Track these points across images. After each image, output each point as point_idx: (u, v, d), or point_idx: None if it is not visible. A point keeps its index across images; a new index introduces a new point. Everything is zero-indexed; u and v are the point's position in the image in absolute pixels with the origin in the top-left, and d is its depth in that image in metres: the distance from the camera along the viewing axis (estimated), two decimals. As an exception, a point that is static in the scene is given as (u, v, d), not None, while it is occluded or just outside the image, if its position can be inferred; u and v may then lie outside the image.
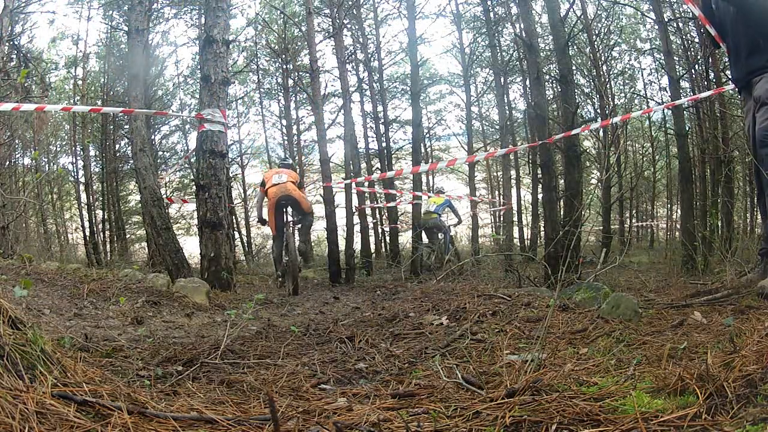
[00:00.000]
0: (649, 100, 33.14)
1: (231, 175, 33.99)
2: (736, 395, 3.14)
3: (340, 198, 22.53)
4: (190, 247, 26.10)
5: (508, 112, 32.36)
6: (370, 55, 34.58)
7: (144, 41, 17.85)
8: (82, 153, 34.09)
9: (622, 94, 34.97)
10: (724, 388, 3.21)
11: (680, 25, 22.02)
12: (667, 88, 24.84)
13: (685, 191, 17.15)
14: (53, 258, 20.23)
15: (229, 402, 4.07)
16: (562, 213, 14.06)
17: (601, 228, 24.78)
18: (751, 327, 4.93)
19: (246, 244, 36.85)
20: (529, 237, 32.84)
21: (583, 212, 13.24)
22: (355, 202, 23.53)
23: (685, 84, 22.22)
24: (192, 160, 26.30)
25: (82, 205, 34.45)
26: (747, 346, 4.06)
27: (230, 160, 33.31)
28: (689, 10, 19.18)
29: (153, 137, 34.18)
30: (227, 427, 3.29)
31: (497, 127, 33.97)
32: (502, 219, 26.98)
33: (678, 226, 23.64)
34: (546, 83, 22.56)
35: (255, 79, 38.92)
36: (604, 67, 30.97)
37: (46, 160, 36.25)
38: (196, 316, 9.16)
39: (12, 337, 3.53)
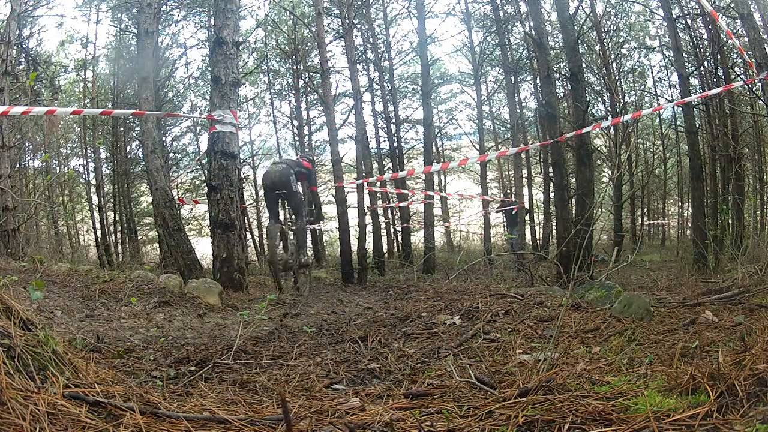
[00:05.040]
0: (659, 97, 33.12)
1: (243, 176, 34.03)
2: (747, 394, 3.15)
3: (352, 198, 22.53)
4: (202, 248, 26.07)
5: (519, 110, 32.40)
6: (380, 55, 34.61)
7: (153, 43, 17.89)
8: (93, 155, 34.16)
9: (632, 92, 34.95)
10: (735, 386, 3.22)
11: (689, 21, 21.95)
12: (677, 85, 24.80)
13: (696, 189, 17.12)
14: (65, 260, 20.25)
15: (241, 402, 4.08)
16: (573, 211, 14.07)
17: (613, 226, 24.72)
18: (761, 326, 4.93)
19: (258, 245, 36.84)
20: (541, 236, 32.82)
21: (594, 211, 13.23)
22: (367, 202, 23.50)
23: (694, 81, 22.15)
24: (204, 161, 26.31)
25: (94, 207, 34.47)
26: (758, 345, 4.06)
27: (242, 161, 33.37)
28: (698, 7, 19.20)
29: (164, 139, 34.19)
30: (240, 427, 3.30)
31: (508, 125, 33.92)
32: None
33: (689, 224, 23.61)
34: (556, 81, 22.55)
35: (266, 80, 38.96)
36: (614, 65, 30.96)
37: (56, 162, 36.34)
38: (208, 317, 9.17)
39: (23, 339, 3.54)
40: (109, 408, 3.24)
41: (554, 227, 25.40)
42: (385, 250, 30.02)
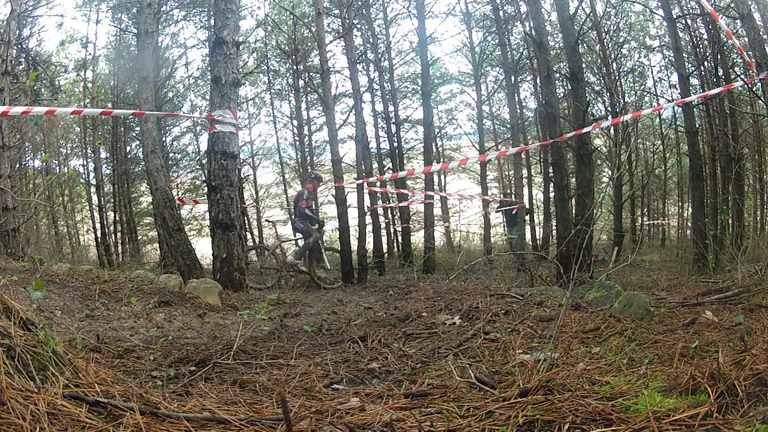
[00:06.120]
0: (659, 97, 33.11)
1: (243, 176, 33.97)
2: (747, 394, 3.15)
3: (352, 198, 22.46)
4: (202, 248, 26.02)
5: (519, 110, 32.40)
6: (380, 55, 34.54)
7: (153, 43, 17.86)
8: (93, 155, 34.12)
9: (632, 92, 34.93)
10: (735, 386, 3.22)
11: (689, 21, 21.94)
12: (677, 85, 24.76)
13: (696, 189, 17.13)
14: (64, 260, 20.24)
15: (241, 402, 4.09)
16: (573, 211, 14.06)
17: (613, 226, 24.68)
18: (761, 326, 4.92)
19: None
20: (541, 236, 32.81)
21: (594, 211, 13.22)
22: (367, 202, 23.39)
23: (694, 81, 22.15)
24: (204, 161, 26.28)
25: (94, 207, 34.43)
26: (757, 345, 4.06)
27: (242, 161, 33.32)
28: (698, 7, 19.19)
29: (164, 139, 34.14)
30: (240, 427, 3.30)
31: (508, 125, 33.87)
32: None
33: (689, 224, 23.60)
34: (556, 81, 22.54)
35: (266, 80, 38.82)
36: (614, 65, 30.94)
37: (56, 162, 36.31)
38: (208, 317, 9.17)
39: (23, 339, 3.54)
40: (109, 408, 3.24)
41: (554, 227, 25.38)
42: (385, 250, 29.94)
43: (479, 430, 3.23)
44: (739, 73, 19.80)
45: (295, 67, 35.73)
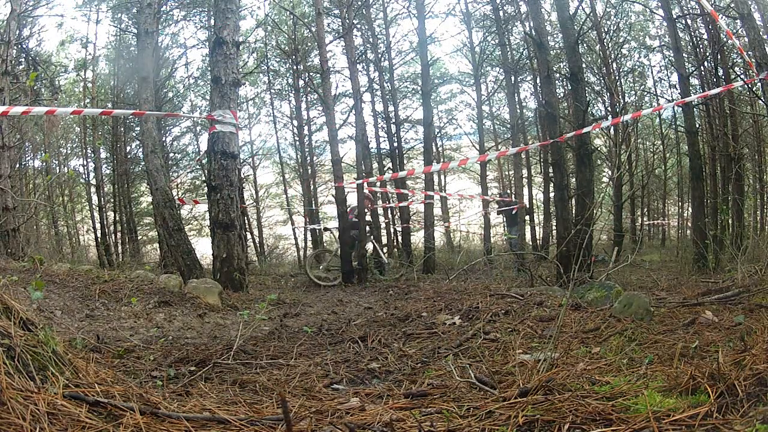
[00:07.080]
0: (659, 97, 33.07)
1: (243, 176, 33.94)
2: (747, 394, 3.14)
3: (352, 198, 22.45)
4: (202, 248, 26.01)
5: (519, 110, 32.33)
6: (380, 55, 34.46)
7: (153, 43, 17.88)
8: (93, 155, 34.08)
9: (632, 92, 34.88)
10: (735, 386, 3.22)
11: (689, 21, 21.90)
12: (677, 85, 24.72)
13: (696, 189, 17.10)
14: (65, 260, 20.23)
15: (241, 402, 4.09)
16: (573, 211, 14.04)
17: (613, 226, 24.65)
18: (761, 326, 4.92)
19: (258, 245, 36.71)
20: (541, 236, 32.76)
21: (594, 211, 13.20)
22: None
23: (694, 81, 22.11)
24: (204, 161, 26.24)
25: (94, 207, 34.38)
26: (757, 345, 4.05)
27: (242, 161, 33.30)
28: (698, 7, 19.17)
29: (164, 139, 34.10)
30: (240, 427, 3.29)
31: (508, 125, 33.80)
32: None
33: (689, 224, 23.58)
34: (556, 81, 22.52)
35: (266, 80, 38.76)
36: (614, 65, 30.88)
37: (56, 162, 36.29)
38: (208, 317, 9.17)
39: (23, 339, 3.54)
40: (109, 408, 3.24)
41: (554, 227, 25.34)
42: (385, 250, 29.92)
43: (479, 430, 3.23)
44: (739, 73, 19.78)
45: (295, 67, 35.67)
